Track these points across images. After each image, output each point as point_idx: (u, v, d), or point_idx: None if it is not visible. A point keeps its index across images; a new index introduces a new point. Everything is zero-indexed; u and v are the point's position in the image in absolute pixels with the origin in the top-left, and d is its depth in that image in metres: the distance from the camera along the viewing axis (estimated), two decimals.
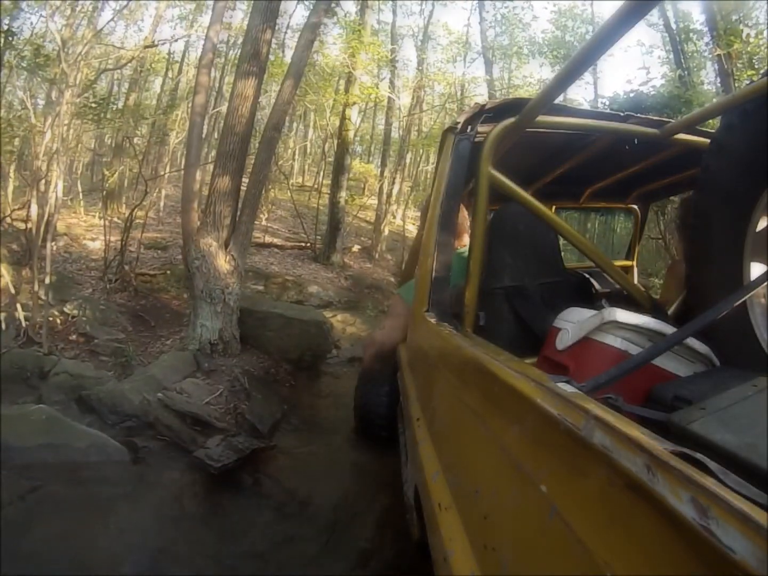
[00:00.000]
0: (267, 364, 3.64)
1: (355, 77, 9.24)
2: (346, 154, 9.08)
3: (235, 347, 3.57)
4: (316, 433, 3.04)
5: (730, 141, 1.09)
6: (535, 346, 1.37)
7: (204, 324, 3.45)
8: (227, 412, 2.83)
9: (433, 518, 0.80)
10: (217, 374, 3.18)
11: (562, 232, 1.61)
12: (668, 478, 0.34)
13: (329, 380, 4.06)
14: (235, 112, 3.59)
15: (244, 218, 3.66)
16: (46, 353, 3.14)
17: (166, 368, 3.05)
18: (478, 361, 0.81)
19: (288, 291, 6.59)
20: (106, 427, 2.51)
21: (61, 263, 5.29)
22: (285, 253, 8.60)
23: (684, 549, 0.32)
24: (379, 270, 9.52)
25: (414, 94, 12.53)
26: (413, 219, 15.41)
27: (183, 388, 2.85)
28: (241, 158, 3.64)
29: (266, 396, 3.21)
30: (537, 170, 2.29)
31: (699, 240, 1.19)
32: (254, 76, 3.65)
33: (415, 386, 1.47)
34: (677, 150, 1.79)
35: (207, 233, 3.49)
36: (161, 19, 10.03)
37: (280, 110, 3.87)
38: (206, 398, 2.86)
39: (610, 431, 0.41)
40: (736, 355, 1.06)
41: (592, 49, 0.96)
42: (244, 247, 3.68)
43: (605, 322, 1.06)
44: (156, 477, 2.23)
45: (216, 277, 3.45)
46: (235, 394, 3.03)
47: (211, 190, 3.59)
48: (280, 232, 10.15)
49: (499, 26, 15.96)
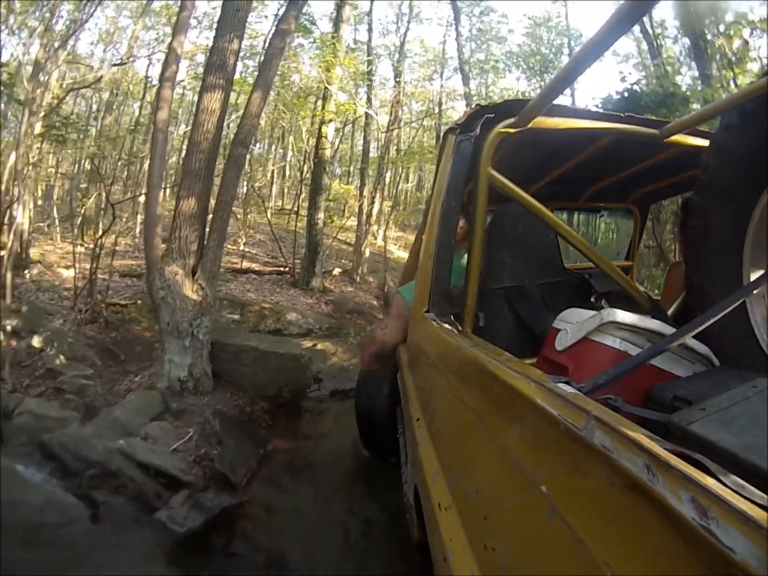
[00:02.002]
0: (242, 402, 3.35)
1: (330, 93, 8.91)
2: (323, 173, 8.70)
3: (207, 384, 3.29)
4: (297, 482, 2.68)
5: (729, 141, 1.09)
6: (535, 346, 1.37)
7: (172, 360, 3.16)
8: (196, 460, 2.53)
9: (433, 518, 0.80)
10: (187, 415, 2.91)
11: (562, 232, 1.61)
12: (668, 478, 0.34)
13: (311, 418, 3.73)
14: (201, 128, 3.33)
15: (211, 243, 3.38)
16: (10, 390, 2.97)
17: (131, 410, 2.79)
18: (477, 362, 0.81)
19: (266, 319, 6.29)
20: (67, 476, 2.27)
21: (33, 292, 5.09)
22: (263, 278, 8.33)
23: (684, 549, 0.32)
24: (361, 293, 9.17)
25: (392, 109, 12.30)
26: (394, 239, 15.19)
27: (148, 433, 2.59)
28: (207, 178, 3.39)
29: (240, 440, 2.90)
30: (537, 170, 2.30)
31: (699, 240, 1.19)
32: (221, 89, 3.41)
33: (415, 386, 1.47)
34: (677, 151, 1.79)
35: (172, 261, 3.21)
36: (137, 41, 9.72)
37: (249, 124, 3.64)
38: (174, 444, 2.55)
39: (610, 431, 0.42)
40: (736, 356, 1.06)
41: (590, 50, 0.96)
42: (213, 275, 3.40)
43: (604, 323, 1.06)
44: (116, 539, 1.98)
45: (183, 308, 3.19)
46: (205, 438, 2.72)
47: (176, 213, 3.32)
48: (259, 257, 9.90)
49: (475, 42, 15.93)
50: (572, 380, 0.64)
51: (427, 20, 17.47)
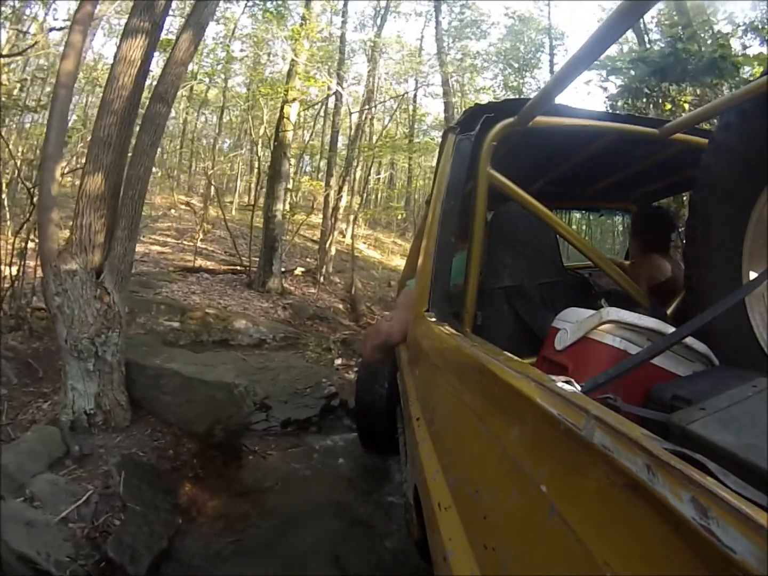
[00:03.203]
0: (164, 443, 2.61)
1: (296, 69, 7.83)
2: (283, 158, 7.56)
3: (121, 417, 2.60)
4: (226, 570, 1.93)
5: (728, 140, 1.09)
6: (535, 346, 1.37)
7: (75, 387, 2.50)
8: (90, 536, 1.88)
9: (432, 518, 0.80)
10: (91, 461, 2.29)
11: (562, 232, 1.61)
12: (668, 478, 0.34)
13: (254, 463, 2.89)
14: (115, 82, 2.62)
15: (120, 233, 2.63)
16: None
17: (24, 453, 2.16)
18: (477, 361, 0.81)
19: (210, 327, 5.38)
20: None
21: None
22: (216, 278, 7.49)
23: (684, 549, 0.32)
24: (325, 296, 8.26)
25: (365, 88, 11.41)
26: (364, 237, 14.45)
27: (34, 493, 1.97)
28: (120, 146, 2.65)
29: (152, 503, 2.16)
30: (536, 170, 2.30)
31: (698, 239, 1.19)
32: (145, 35, 2.69)
33: (414, 386, 1.48)
34: (676, 149, 1.79)
35: (72, 257, 2.49)
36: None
37: (172, 74, 2.87)
38: (64, 510, 1.94)
39: (610, 431, 0.42)
40: (735, 356, 1.06)
41: (591, 48, 0.96)
42: (122, 276, 2.66)
43: (604, 322, 1.06)
44: None
45: (83, 320, 2.48)
46: (107, 500, 2.07)
47: (80, 193, 2.59)
48: (215, 254, 9.05)
49: (453, 39, 15.72)
50: (572, 380, 0.64)
51: (406, 15, 17.07)
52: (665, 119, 1.67)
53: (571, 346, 1.12)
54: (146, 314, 5.26)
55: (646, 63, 4.28)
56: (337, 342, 5.69)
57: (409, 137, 15.76)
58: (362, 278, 9.78)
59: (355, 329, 6.66)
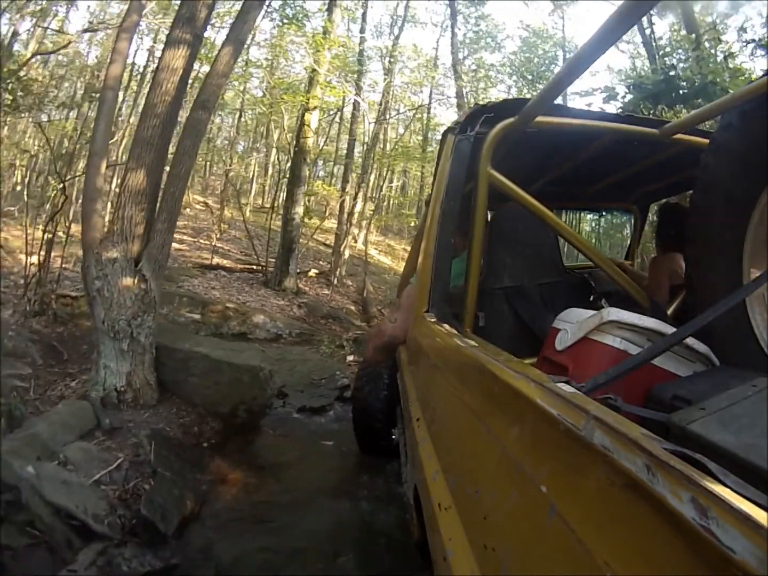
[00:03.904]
0: (189, 421, 2.82)
1: (317, 78, 8.21)
2: (303, 163, 7.94)
3: (149, 396, 2.80)
4: (247, 533, 2.10)
5: (729, 141, 1.09)
6: (535, 346, 1.37)
7: (108, 366, 2.71)
8: (122, 497, 2.04)
9: (432, 518, 0.80)
10: (121, 434, 2.44)
11: (562, 232, 1.61)
12: (668, 478, 0.34)
13: (272, 442, 3.15)
14: (159, 88, 2.88)
15: (159, 226, 2.89)
16: None
17: (56, 424, 2.29)
18: (477, 362, 0.81)
19: (229, 321, 5.62)
20: None
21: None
22: (233, 276, 7.74)
23: (684, 549, 0.32)
24: (338, 297, 8.47)
25: (382, 99, 11.67)
26: (375, 243, 14.68)
27: (68, 458, 2.10)
28: (161, 147, 2.91)
29: (180, 472, 2.33)
30: (537, 170, 2.30)
31: (698, 240, 1.19)
32: (186, 45, 2.95)
33: (415, 386, 1.48)
34: (677, 150, 1.79)
35: (113, 245, 2.73)
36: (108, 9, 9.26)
37: (214, 84, 3.13)
38: (97, 473, 2.07)
39: (610, 431, 0.42)
40: (735, 355, 1.06)
41: (591, 48, 0.96)
42: (159, 265, 2.90)
43: (604, 322, 1.06)
44: None
45: (121, 304, 2.71)
46: (138, 467, 2.23)
47: (122, 188, 2.86)
48: (232, 254, 9.34)
49: (468, 48, 15.75)
50: (572, 380, 0.64)
51: (422, 24, 17.29)
52: (665, 120, 1.67)
53: (571, 346, 1.12)
54: (169, 305, 5.46)
55: (640, 89, 4.48)
56: (349, 340, 5.89)
57: (423, 146, 15.83)
58: (373, 282, 9.88)
59: (366, 329, 6.86)
